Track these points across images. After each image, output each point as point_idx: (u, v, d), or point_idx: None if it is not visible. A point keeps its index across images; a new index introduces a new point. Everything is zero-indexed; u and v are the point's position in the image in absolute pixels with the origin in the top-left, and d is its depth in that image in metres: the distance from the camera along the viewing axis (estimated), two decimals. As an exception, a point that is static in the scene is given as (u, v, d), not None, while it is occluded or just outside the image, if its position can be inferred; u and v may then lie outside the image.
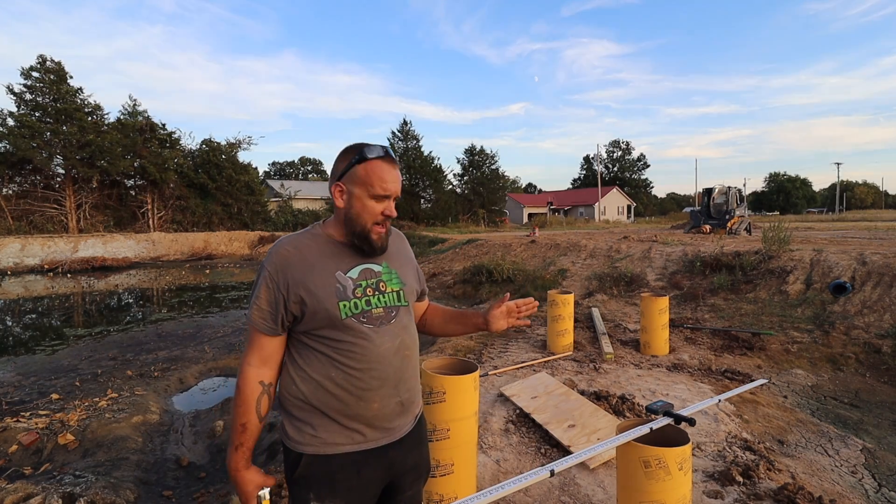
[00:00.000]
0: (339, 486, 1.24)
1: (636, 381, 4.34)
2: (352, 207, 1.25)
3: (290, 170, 69.31)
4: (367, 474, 1.26)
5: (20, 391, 5.50)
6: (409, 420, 1.35)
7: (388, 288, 1.32)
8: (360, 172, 1.23)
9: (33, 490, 3.18)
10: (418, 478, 1.40)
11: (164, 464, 3.97)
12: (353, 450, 1.25)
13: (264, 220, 33.15)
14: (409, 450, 1.34)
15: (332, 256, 1.27)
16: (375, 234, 1.27)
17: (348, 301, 1.24)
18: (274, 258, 1.25)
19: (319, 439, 1.24)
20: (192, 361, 6.57)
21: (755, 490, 2.58)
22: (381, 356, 1.26)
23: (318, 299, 1.21)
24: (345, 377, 1.23)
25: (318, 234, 1.31)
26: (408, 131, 37.84)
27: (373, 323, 1.26)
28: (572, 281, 9.72)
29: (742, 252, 8.08)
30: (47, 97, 26.25)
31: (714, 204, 16.42)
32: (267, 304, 1.23)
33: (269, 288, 1.23)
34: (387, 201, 1.26)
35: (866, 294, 5.91)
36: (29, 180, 27.34)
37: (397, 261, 1.38)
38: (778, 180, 71.83)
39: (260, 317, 1.23)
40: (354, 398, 1.24)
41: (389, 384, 1.28)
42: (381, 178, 1.23)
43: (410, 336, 1.36)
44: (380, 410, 1.27)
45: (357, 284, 1.27)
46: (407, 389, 1.32)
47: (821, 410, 4.01)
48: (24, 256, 21.09)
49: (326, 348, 1.24)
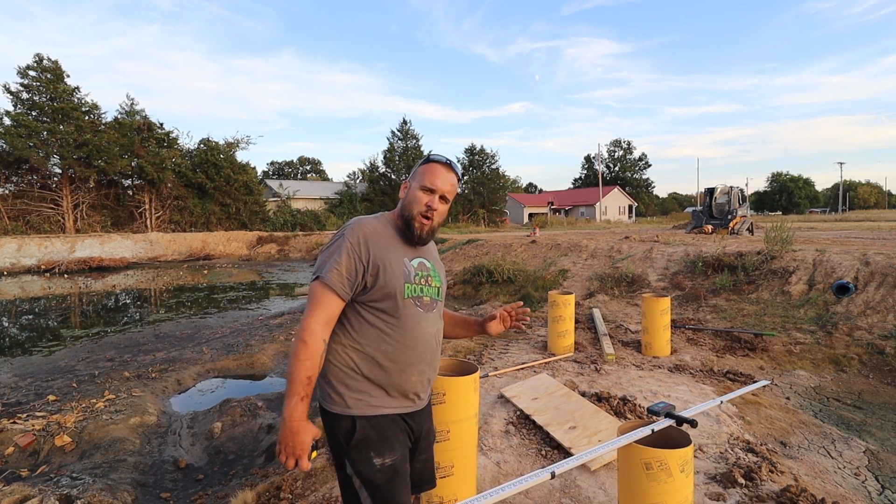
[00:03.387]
0: (392, 442, 1.42)
1: (637, 383, 4.32)
2: (407, 197, 1.49)
3: (289, 169, 69.22)
4: (403, 435, 1.47)
5: (17, 392, 5.46)
6: (428, 396, 1.59)
7: (434, 283, 1.54)
8: (419, 170, 1.50)
9: (30, 492, 3.15)
10: (429, 444, 1.63)
11: (162, 465, 3.94)
12: (393, 412, 1.45)
13: (263, 220, 33.09)
14: (425, 418, 1.58)
15: (398, 244, 1.48)
16: (418, 222, 1.46)
17: (411, 283, 1.45)
18: (357, 231, 1.41)
19: (367, 403, 1.41)
20: (190, 362, 6.53)
21: (757, 492, 2.56)
22: (424, 337, 1.47)
23: (392, 275, 1.40)
24: (394, 351, 1.41)
25: (387, 222, 1.51)
26: (407, 131, 37.84)
27: (423, 308, 1.48)
28: (573, 281, 9.70)
29: (744, 252, 8.06)
30: (44, 96, 26.16)
31: (716, 204, 16.39)
32: (346, 270, 1.37)
33: (349, 256, 1.38)
34: (432, 195, 1.46)
35: (869, 295, 5.89)
36: (25, 180, 27.25)
37: (438, 264, 1.62)
38: (780, 180, 71.77)
39: (338, 279, 1.36)
40: (398, 370, 1.43)
41: (425, 362, 1.49)
42: (432, 174, 1.46)
43: (442, 326, 1.59)
44: (415, 384, 1.47)
45: (416, 272, 1.48)
46: (434, 371, 1.55)
47: (823, 412, 3.99)
48: (20, 257, 21.03)
49: (382, 323, 1.41)
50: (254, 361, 6.65)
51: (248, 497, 2.81)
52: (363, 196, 38.43)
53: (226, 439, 4.34)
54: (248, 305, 11.60)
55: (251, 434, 4.39)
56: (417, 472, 1.56)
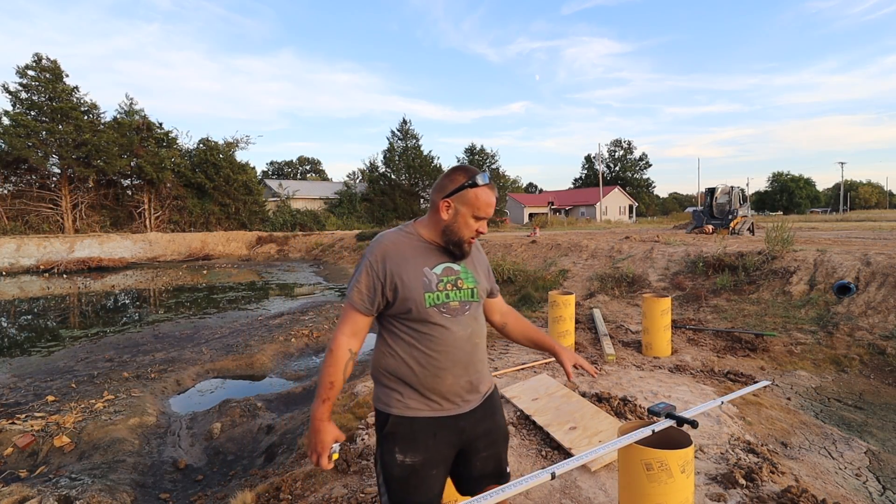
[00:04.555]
0: (418, 444, 1.49)
1: (638, 383, 4.31)
2: (455, 222, 1.49)
3: (289, 169, 69.18)
4: (441, 437, 1.51)
5: (16, 393, 5.45)
6: (479, 396, 1.58)
7: (465, 285, 1.55)
8: (469, 196, 1.47)
9: (29, 493, 3.14)
10: (492, 442, 1.63)
11: (161, 466, 3.93)
12: (429, 415, 1.50)
13: (262, 220, 33.08)
14: (479, 420, 1.58)
15: (422, 254, 1.51)
16: (468, 244, 1.53)
17: (432, 293, 1.48)
18: (376, 251, 1.50)
19: (403, 404, 1.49)
20: (190, 363, 6.52)
21: (758, 493, 2.56)
22: (455, 342, 1.49)
23: (410, 288, 1.45)
24: (424, 357, 1.47)
25: (412, 234, 1.55)
26: (407, 130, 37.82)
27: (450, 313, 1.50)
28: (573, 282, 9.69)
29: (745, 252, 8.05)
30: (43, 96, 26.16)
31: (717, 204, 16.36)
32: (366, 287, 1.47)
33: (369, 275, 1.47)
34: (482, 222, 1.52)
35: (871, 295, 5.88)
36: (24, 180, 27.26)
37: (472, 264, 1.61)
38: (781, 180, 71.70)
39: (359, 297, 1.48)
40: (431, 375, 1.48)
41: (460, 366, 1.51)
42: (486, 204, 1.49)
43: (480, 326, 1.59)
44: (451, 387, 1.50)
45: (440, 279, 1.50)
46: (476, 371, 1.55)
47: (824, 412, 3.98)
48: (19, 257, 21.02)
49: (411, 331, 1.48)
50: (253, 362, 6.64)
51: (248, 498, 2.80)
52: (363, 196, 38.41)
53: (225, 440, 4.33)
54: (248, 306, 11.59)
55: (251, 434, 4.38)
56: (479, 470, 1.62)
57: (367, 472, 2.89)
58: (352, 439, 3.27)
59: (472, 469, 1.61)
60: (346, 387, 4.72)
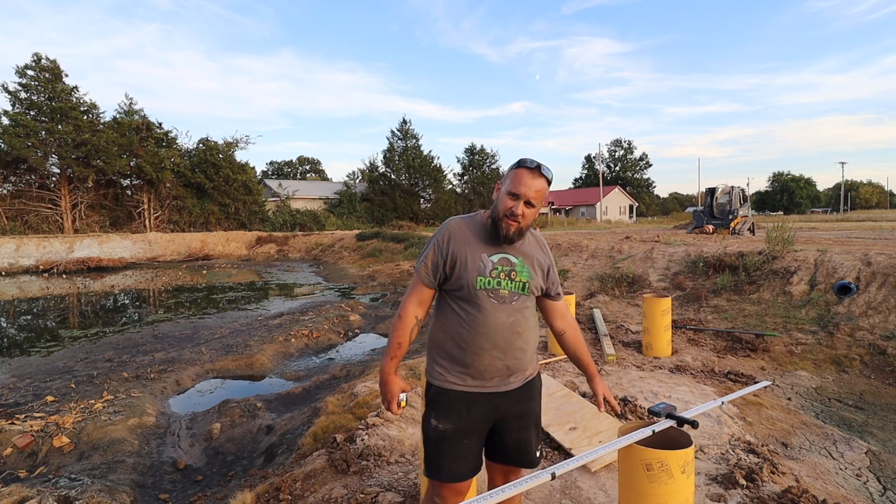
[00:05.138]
0: (452, 414, 1.65)
1: (638, 383, 4.31)
2: (497, 200, 1.63)
3: (289, 169, 69.13)
4: (476, 410, 1.65)
5: (15, 393, 5.44)
6: (517, 380, 1.70)
7: (518, 277, 1.66)
8: (509, 174, 1.62)
9: (28, 493, 3.13)
10: (525, 426, 1.74)
11: (161, 467, 3.92)
12: (463, 389, 1.65)
13: (262, 220, 33.06)
14: (514, 401, 1.71)
15: (484, 240, 1.65)
16: (505, 224, 1.59)
17: (484, 277, 1.61)
18: (444, 231, 1.68)
19: (444, 377, 1.66)
20: (189, 363, 6.51)
21: (759, 493, 2.55)
22: (497, 326, 1.61)
23: (466, 269, 1.61)
24: (467, 334, 1.62)
25: (479, 220, 1.70)
26: (407, 130, 37.84)
27: (497, 300, 1.62)
28: (574, 282, 9.69)
29: (745, 252, 8.04)
30: (42, 96, 26.13)
31: (717, 204, 16.35)
32: (431, 262, 1.65)
33: (435, 251, 1.66)
34: (517, 201, 1.57)
35: (871, 295, 5.87)
36: (24, 180, 27.24)
37: (531, 261, 1.70)
38: (781, 180, 71.64)
39: (424, 271, 1.66)
40: (470, 353, 1.62)
41: (499, 349, 1.63)
42: (518, 181, 1.57)
43: (525, 318, 1.68)
44: (488, 367, 1.63)
45: (494, 267, 1.63)
46: (514, 358, 1.66)
47: (825, 413, 3.98)
48: (19, 257, 21.01)
49: (459, 310, 1.63)
50: (253, 362, 6.63)
51: (248, 498, 2.79)
52: (363, 196, 38.40)
53: (225, 440, 4.32)
54: (247, 306, 11.58)
55: (250, 435, 4.37)
56: (511, 448, 1.75)
57: (367, 472, 2.88)
58: (351, 439, 3.26)
59: (504, 446, 1.75)
60: (346, 387, 4.71)
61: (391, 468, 2.92)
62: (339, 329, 8.40)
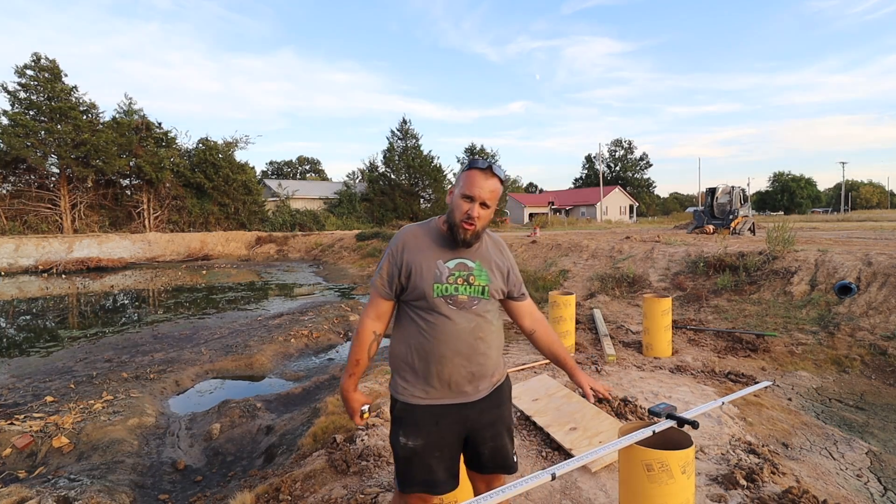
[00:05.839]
0: (420, 430, 1.60)
1: (638, 384, 4.30)
2: (451, 204, 1.60)
3: (288, 169, 69.15)
4: (443, 424, 1.61)
5: (14, 393, 5.43)
6: (483, 388, 1.66)
7: (477, 282, 1.62)
8: (460, 177, 1.59)
9: (28, 493, 3.13)
10: (497, 433, 1.71)
11: (160, 467, 3.91)
12: (429, 403, 1.60)
13: (261, 220, 33.05)
14: (484, 411, 1.67)
15: (439, 246, 1.62)
16: (462, 229, 1.56)
17: (441, 284, 1.57)
18: (398, 240, 1.64)
19: (409, 392, 1.62)
20: (189, 363, 6.51)
21: (759, 494, 2.55)
22: (457, 333, 1.58)
23: (422, 277, 1.57)
24: (428, 343, 1.57)
25: (433, 227, 1.67)
26: (407, 130, 37.78)
27: (456, 306, 1.58)
28: (574, 282, 9.68)
29: (746, 252, 8.04)
30: (41, 96, 26.12)
31: (717, 204, 16.34)
32: (387, 274, 1.62)
33: (390, 263, 1.62)
34: (472, 203, 1.54)
35: (872, 295, 5.87)
36: (23, 180, 27.22)
37: (489, 264, 1.67)
38: (782, 180, 71.55)
39: (381, 283, 1.63)
40: (433, 362, 1.57)
41: (461, 356, 1.58)
42: (471, 182, 1.54)
43: (488, 323, 1.65)
44: (451, 375, 1.59)
45: (451, 273, 1.59)
46: (478, 364, 1.62)
47: (825, 413, 3.97)
48: (18, 257, 20.99)
49: (419, 319, 1.59)
50: (252, 362, 6.63)
51: (247, 499, 2.79)
52: (362, 196, 38.38)
53: (224, 440, 4.31)
54: (247, 306, 11.57)
55: (250, 435, 4.37)
56: (488, 457, 1.72)
57: (367, 472, 2.88)
58: (351, 440, 3.25)
59: (480, 456, 1.72)
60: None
61: (391, 468, 2.91)
62: (339, 329, 8.39)
